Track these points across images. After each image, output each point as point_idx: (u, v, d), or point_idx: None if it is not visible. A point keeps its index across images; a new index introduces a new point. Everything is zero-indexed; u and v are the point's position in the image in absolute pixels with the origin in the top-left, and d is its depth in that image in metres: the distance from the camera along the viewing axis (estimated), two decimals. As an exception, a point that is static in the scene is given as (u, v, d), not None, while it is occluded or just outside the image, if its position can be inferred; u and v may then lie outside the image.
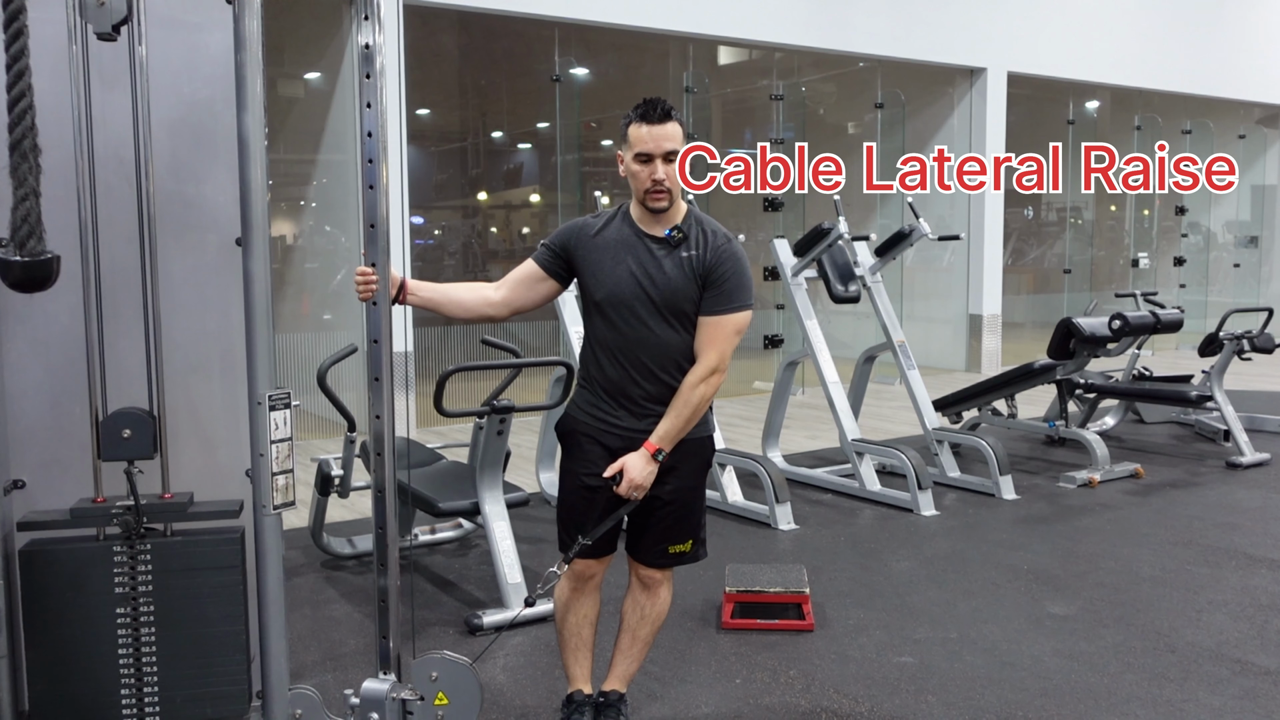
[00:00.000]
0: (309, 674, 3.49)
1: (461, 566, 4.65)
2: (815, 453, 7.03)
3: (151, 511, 2.65)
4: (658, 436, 2.66)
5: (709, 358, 2.68)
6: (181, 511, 2.69)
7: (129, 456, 2.62)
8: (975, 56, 10.75)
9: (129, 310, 2.67)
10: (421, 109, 12.15)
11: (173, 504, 2.68)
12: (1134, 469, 6.28)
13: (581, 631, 2.93)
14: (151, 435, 2.65)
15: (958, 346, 11.38)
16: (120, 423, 2.62)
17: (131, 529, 2.64)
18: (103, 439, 2.62)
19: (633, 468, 2.63)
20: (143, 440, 2.63)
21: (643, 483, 2.64)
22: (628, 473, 2.63)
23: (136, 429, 2.62)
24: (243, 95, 2.53)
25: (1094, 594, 4.22)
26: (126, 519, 2.63)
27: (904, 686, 3.36)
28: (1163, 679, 3.40)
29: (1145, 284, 13.02)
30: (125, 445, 2.62)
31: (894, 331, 6.21)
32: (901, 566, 4.60)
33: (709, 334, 2.70)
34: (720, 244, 2.72)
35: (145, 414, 2.65)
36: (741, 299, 2.72)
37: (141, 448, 2.63)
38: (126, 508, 2.63)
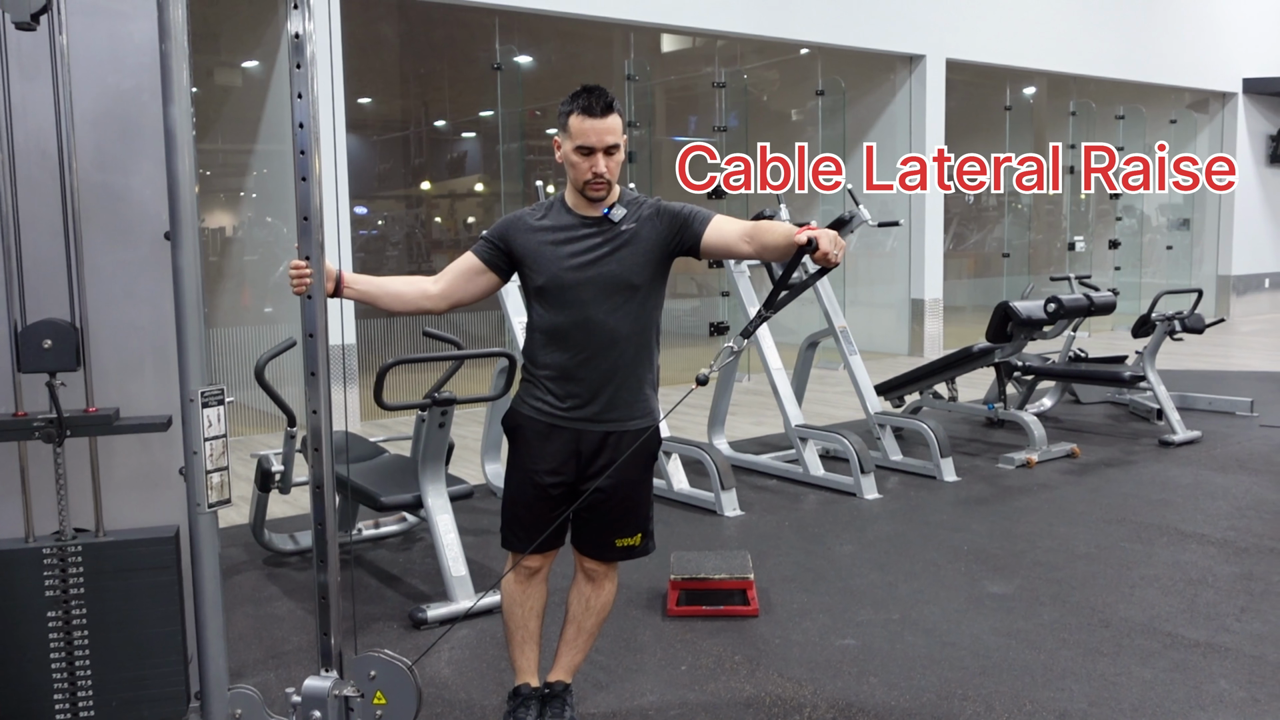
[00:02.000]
0: (250, 673, 3.45)
1: (406, 560, 4.62)
2: (761, 439, 7.08)
3: (74, 424, 2.58)
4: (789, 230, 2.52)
5: (748, 224, 2.67)
6: (107, 424, 2.61)
7: (51, 368, 2.52)
8: (915, 44, 10.86)
9: (56, 306, 2.60)
10: (362, 98, 12.00)
11: (97, 417, 2.60)
12: (1070, 449, 6.41)
13: (528, 624, 2.93)
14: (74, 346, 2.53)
15: (900, 331, 11.52)
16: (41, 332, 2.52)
17: (54, 440, 2.55)
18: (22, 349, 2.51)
19: (823, 232, 2.44)
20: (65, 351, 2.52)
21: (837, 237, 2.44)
22: (821, 238, 2.41)
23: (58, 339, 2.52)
24: (168, 86, 2.48)
25: (1031, 572, 4.30)
26: (49, 430, 2.55)
27: (846, 669, 3.40)
28: (1097, 654, 3.48)
29: (1081, 267, 13.28)
30: (46, 356, 2.52)
31: (836, 318, 6.27)
32: (845, 550, 4.65)
33: (727, 224, 2.68)
34: (652, 202, 2.77)
35: (68, 325, 2.54)
36: (708, 211, 2.74)
37: (64, 358, 2.52)
38: (49, 420, 2.55)
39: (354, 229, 11.45)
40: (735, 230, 2.67)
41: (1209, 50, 14.03)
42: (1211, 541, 4.67)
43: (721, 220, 2.71)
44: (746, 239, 2.64)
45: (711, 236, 2.69)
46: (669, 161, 13.11)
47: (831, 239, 2.41)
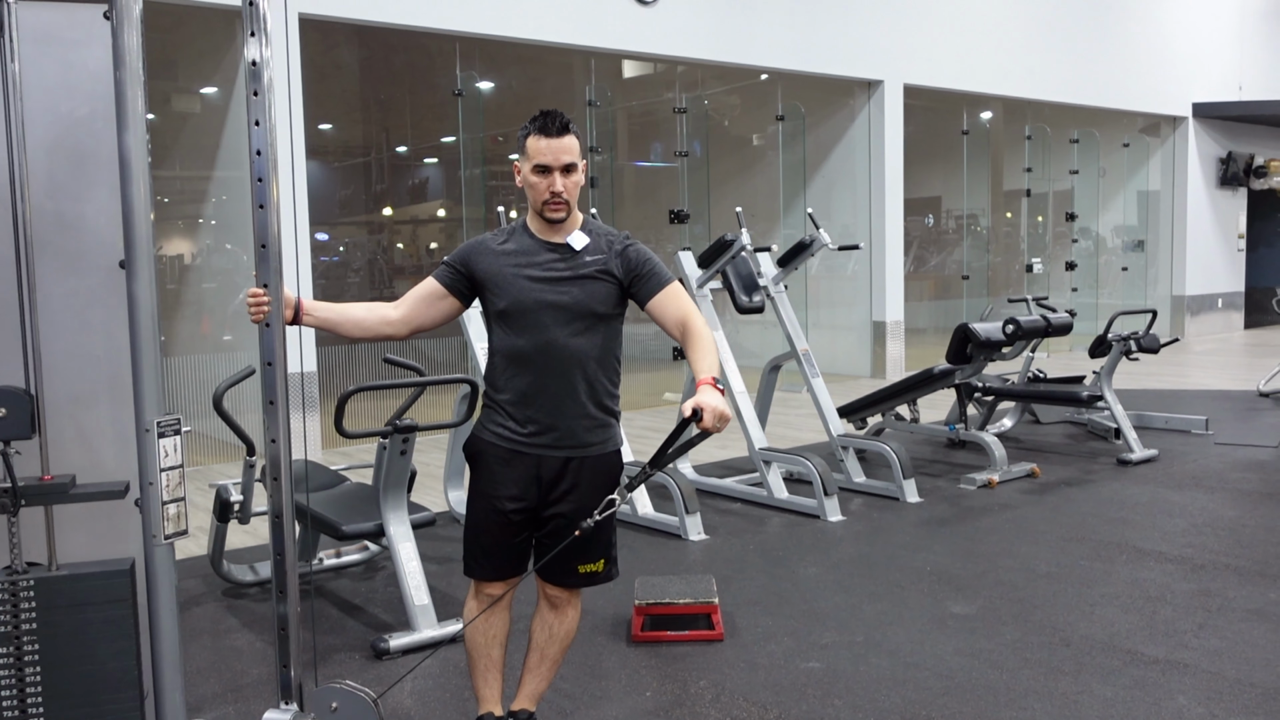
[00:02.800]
0: (209, 707, 3.40)
1: (368, 590, 4.57)
2: (725, 462, 7.09)
3: (29, 493, 2.53)
4: (705, 371, 2.56)
5: (690, 309, 2.71)
6: (63, 492, 2.57)
7: (4, 437, 2.48)
8: (873, 69, 11.00)
9: (7, 336, 2.56)
10: (323, 124, 11.96)
11: (52, 485, 2.56)
12: (1031, 468, 6.47)
13: (491, 652, 2.90)
14: (29, 414, 2.50)
15: (862, 353, 11.61)
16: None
17: (8, 510, 2.51)
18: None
19: (712, 400, 2.47)
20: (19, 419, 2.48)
21: (726, 412, 2.49)
22: (707, 406, 2.46)
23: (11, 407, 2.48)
24: (123, 113, 2.46)
25: (993, 592, 4.33)
26: (3, 500, 2.50)
27: (811, 692, 3.40)
28: (1058, 672, 3.51)
29: (1039, 288, 13.48)
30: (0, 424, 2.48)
31: (798, 340, 6.30)
32: (809, 573, 4.66)
33: (673, 300, 2.72)
34: (623, 240, 2.78)
35: (22, 391, 2.51)
36: (669, 272, 2.77)
37: (18, 427, 2.48)
38: (3, 489, 2.50)
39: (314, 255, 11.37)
40: (674, 316, 2.70)
41: (1160, 76, 14.34)
42: (1169, 559, 4.72)
43: (668, 296, 2.71)
44: (678, 329, 2.69)
45: (654, 307, 2.72)
46: (631, 186, 13.20)
47: (715, 415, 2.46)
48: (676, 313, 2.71)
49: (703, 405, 2.47)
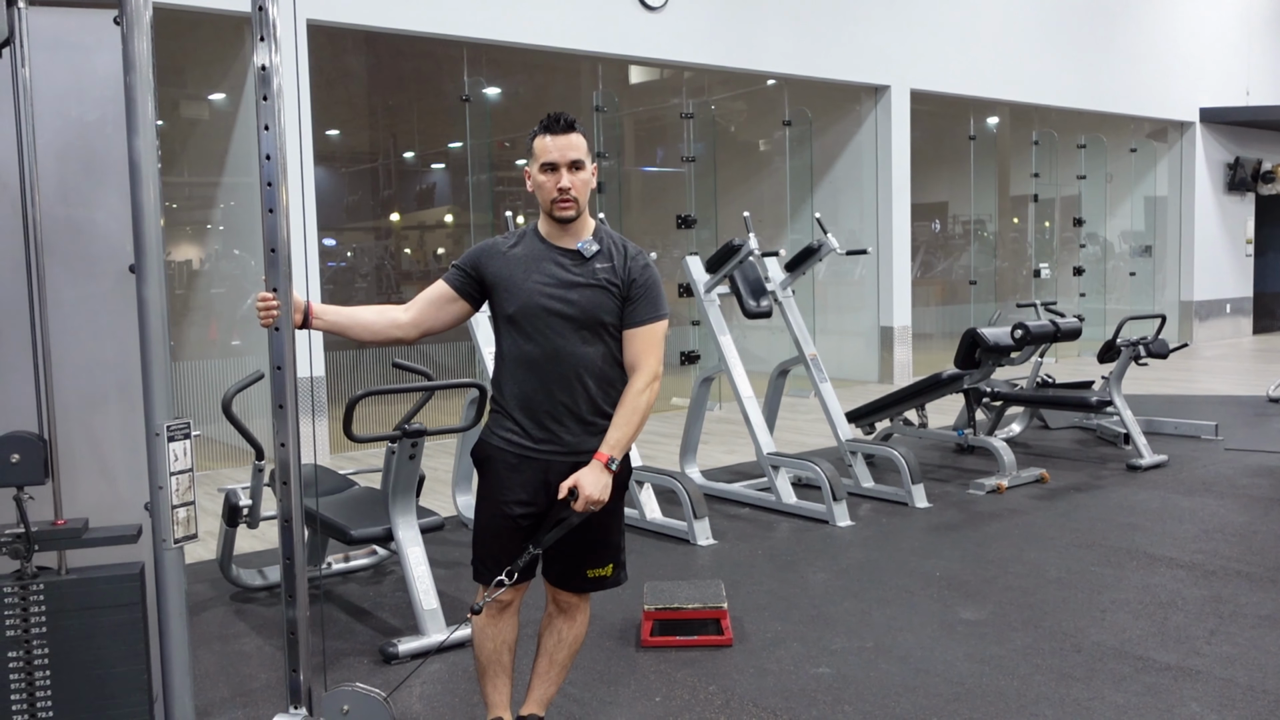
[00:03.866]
0: (218, 711, 3.39)
1: (376, 594, 4.56)
2: (733, 467, 7.08)
3: (43, 539, 2.55)
4: (608, 446, 2.63)
5: (648, 365, 2.70)
6: (76, 537, 2.59)
7: (18, 482, 2.51)
8: (879, 75, 11.00)
9: (18, 340, 2.57)
10: (331, 130, 11.99)
11: (65, 530, 2.58)
12: (1040, 474, 6.45)
13: (500, 658, 2.89)
14: (42, 460, 2.54)
15: (870, 358, 11.59)
16: (8, 447, 2.51)
17: (22, 556, 2.53)
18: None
19: (587, 483, 2.57)
20: (32, 465, 2.51)
21: (600, 497, 2.59)
22: (582, 489, 2.57)
23: (25, 453, 2.51)
24: (133, 118, 2.47)
25: (1003, 598, 4.31)
26: (16, 546, 2.52)
27: (821, 698, 3.39)
28: (1070, 679, 3.49)
29: (1047, 294, 13.43)
30: (14, 470, 2.51)
31: (806, 345, 6.29)
32: (818, 578, 4.65)
33: (643, 343, 2.71)
34: (635, 256, 2.76)
35: (35, 437, 2.55)
36: (663, 307, 2.76)
37: (31, 472, 2.51)
38: (16, 535, 2.52)
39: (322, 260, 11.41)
40: (635, 354, 2.70)
41: (1167, 81, 14.32)
42: (1180, 564, 4.70)
43: (645, 334, 2.70)
44: (629, 369, 2.71)
45: (627, 335, 2.71)
46: (638, 192, 13.21)
47: (586, 500, 2.57)
48: (638, 354, 2.70)
49: (579, 485, 2.58)
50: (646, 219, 12.88)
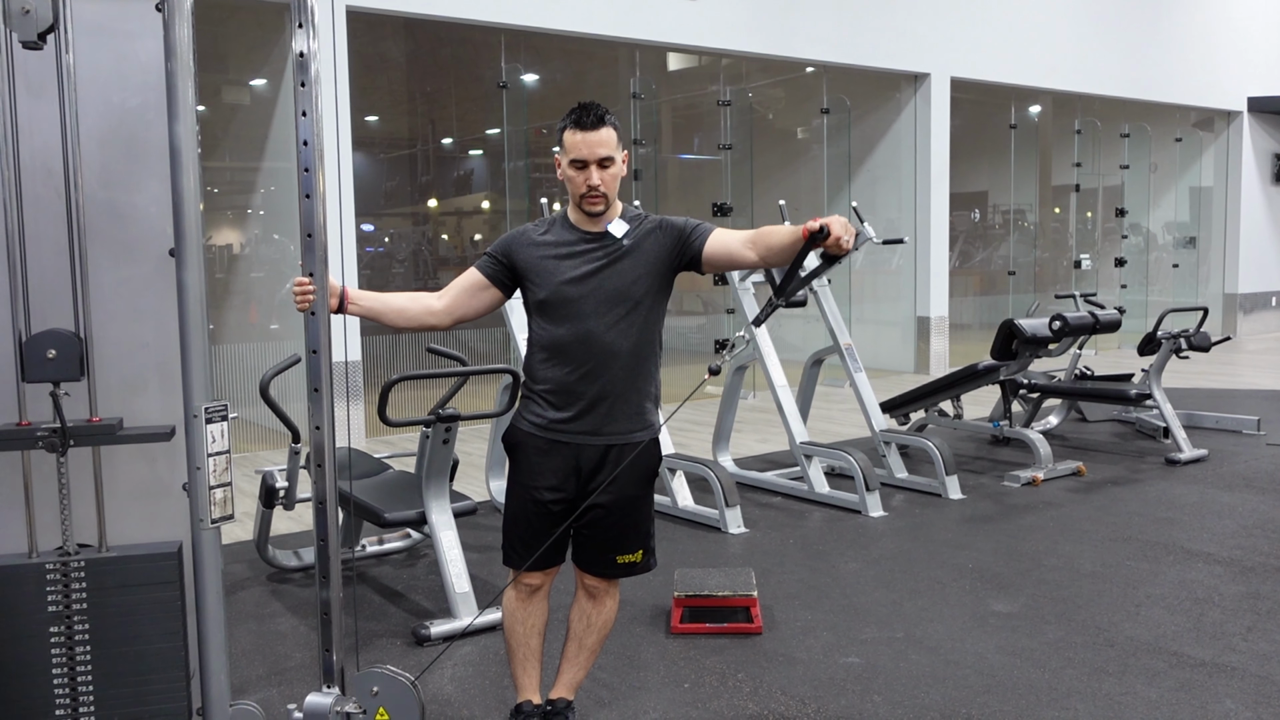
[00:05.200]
0: (253, 689, 3.45)
1: (410, 577, 4.61)
2: (765, 456, 7.07)
3: (78, 433, 2.58)
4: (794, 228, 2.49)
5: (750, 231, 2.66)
6: (110, 433, 2.62)
7: (55, 378, 2.54)
8: (919, 62, 10.90)
9: (60, 319, 2.61)
10: (369, 116, 12.07)
11: (101, 426, 2.61)
12: (1076, 467, 6.39)
13: (529, 641, 2.92)
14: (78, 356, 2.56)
15: (906, 348, 11.52)
16: (45, 342, 2.54)
17: (57, 450, 2.56)
18: (26, 359, 2.53)
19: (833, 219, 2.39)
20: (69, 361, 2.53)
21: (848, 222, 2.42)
22: (832, 226, 2.37)
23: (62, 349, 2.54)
24: (174, 104, 2.49)
25: (1036, 591, 4.28)
26: (52, 440, 2.56)
27: (850, 687, 3.39)
28: (1102, 673, 3.46)
29: (1087, 285, 13.28)
30: (50, 365, 2.53)
31: (840, 335, 6.27)
32: (849, 568, 4.64)
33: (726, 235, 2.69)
34: (655, 218, 2.79)
35: (71, 334, 2.57)
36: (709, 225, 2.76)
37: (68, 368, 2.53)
38: (52, 429, 2.56)
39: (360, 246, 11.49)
40: (738, 238, 2.68)
41: (1214, 69, 14.07)
42: (1218, 560, 4.64)
43: (723, 231, 2.72)
44: (750, 245, 2.64)
45: (713, 247, 2.70)
46: (674, 179, 13.18)
47: (843, 225, 2.39)
48: (738, 235, 2.67)
49: (827, 221, 2.39)
50: (683, 206, 12.86)
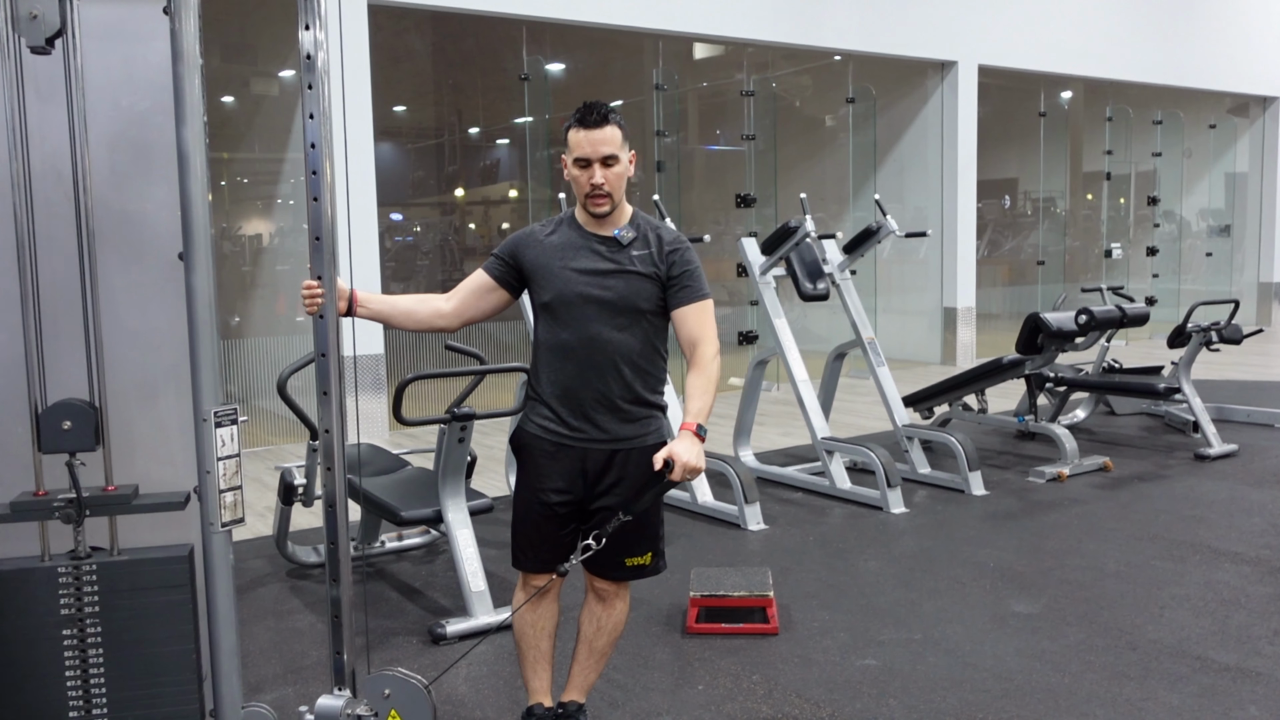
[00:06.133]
0: (269, 687, 3.47)
1: (428, 574, 4.62)
2: (788, 450, 7.03)
3: (93, 504, 2.60)
4: (692, 415, 2.59)
5: (709, 336, 2.69)
6: (126, 503, 2.64)
7: (70, 449, 2.56)
8: (946, 50, 10.76)
9: (70, 328, 2.62)
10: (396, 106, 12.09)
11: (116, 495, 2.63)
12: (1103, 462, 6.30)
13: (539, 644, 2.91)
14: (93, 426, 2.59)
15: (933, 339, 11.42)
16: (60, 414, 2.57)
17: (73, 521, 2.59)
18: (42, 430, 2.56)
19: (682, 451, 2.52)
20: (84, 431, 2.56)
21: (697, 463, 2.54)
22: (678, 457, 2.51)
23: (77, 420, 2.56)
24: (181, 107, 2.49)
25: (1058, 591, 4.23)
26: (68, 511, 2.58)
27: (866, 690, 3.36)
28: (1123, 677, 3.41)
29: (1119, 274, 13.11)
30: (66, 436, 2.56)
31: (863, 328, 6.21)
32: (869, 566, 4.60)
33: (698, 318, 2.70)
34: (672, 241, 2.74)
35: (86, 404, 2.60)
36: (707, 288, 2.75)
37: (83, 439, 2.56)
38: (68, 500, 2.58)
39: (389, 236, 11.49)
40: (691, 332, 2.69)
41: (1249, 54, 13.80)
42: (1246, 560, 4.56)
43: (696, 311, 2.69)
44: (689, 348, 2.69)
45: (678, 316, 2.71)
46: (697, 170, 13.11)
47: (684, 468, 2.52)
48: (694, 331, 2.69)
49: (674, 455, 2.53)
50: (707, 197, 12.79)
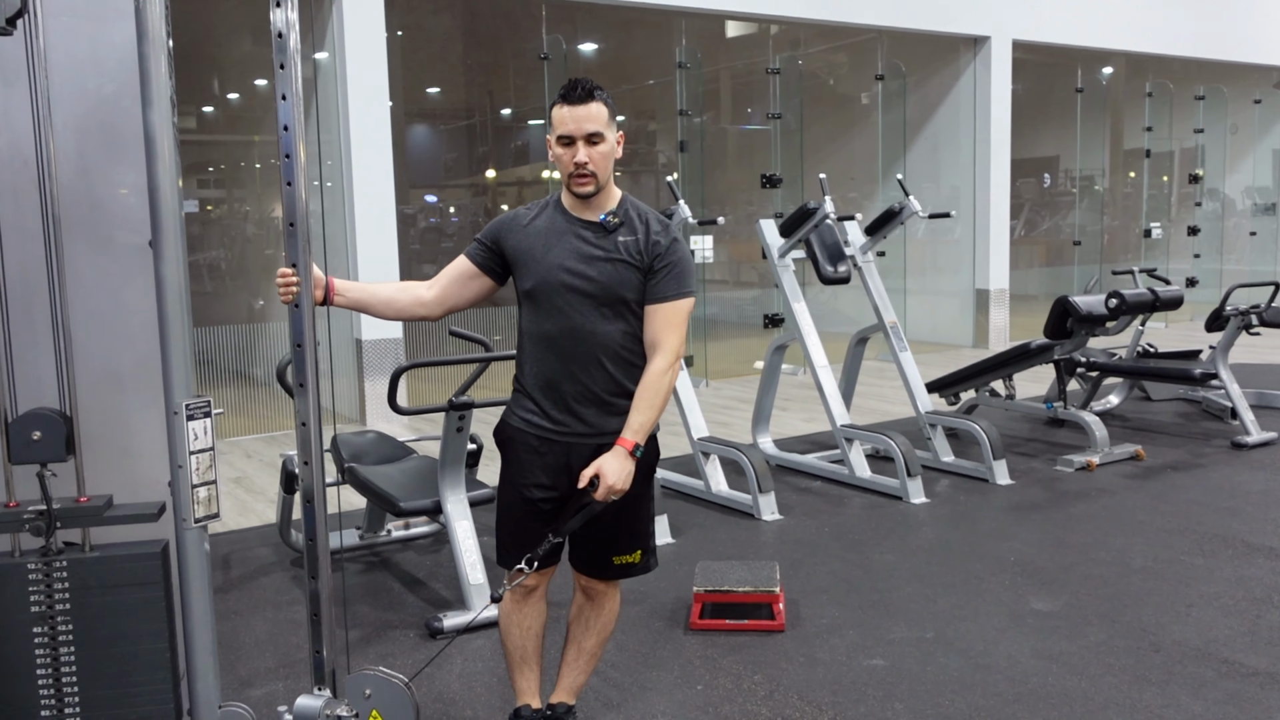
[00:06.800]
0: (260, 681, 3.40)
1: (433, 564, 4.54)
2: (808, 437, 6.88)
3: (65, 515, 2.54)
4: (632, 431, 2.51)
5: (670, 343, 2.55)
6: (97, 515, 2.57)
7: (40, 459, 2.51)
8: (978, 24, 10.48)
9: (39, 321, 2.55)
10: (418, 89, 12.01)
11: (88, 508, 2.57)
12: (1135, 450, 6.10)
13: (526, 645, 2.81)
14: (64, 436, 2.53)
15: (964, 322, 11.17)
16: (30, 424, 2.51)
17: (44, 534, 2.53)
18: (12, 441, 2.50)
19: (609, 470, 2.45)
20: (55, 442, 2.51)
21: (622, 485, 2.47)
22: (604, 476, 2.44)
23: (48, 430, 2.51)
24: (148, 90, 2.39)
25: (1081, 587, 4.07)
26: (39, 524, 2.52)
27: (871, 692, 3.23)
28: (1144, 682, 3.26)
29: (1158, 254, 12.78)
30: (36, 447, 2.50)
31: (886, 313, 6.04)
32: (884, 559, 4.46)
33: (664, 320, 2.56)
34: (659, 229, 2.60)
35: (57, 414, 2.54)
36: (689, 284, 2.60)
37: (53, 450, 2.51)
38: (39, 512, 2.52)
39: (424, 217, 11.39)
40: (655, 332, 2.56)
41: (1298, 26, 13.36)
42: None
43: (667, 310, 2.55)
44: (649, 348, 2.57)
45: (648, 311, 2.57)
46: (721, 150, 12.92)
47: (607, 489, 2.45)
48: (659, 331, 2.55)
49: (601, 473, 2.45)
50: (731, 178, 12.60)
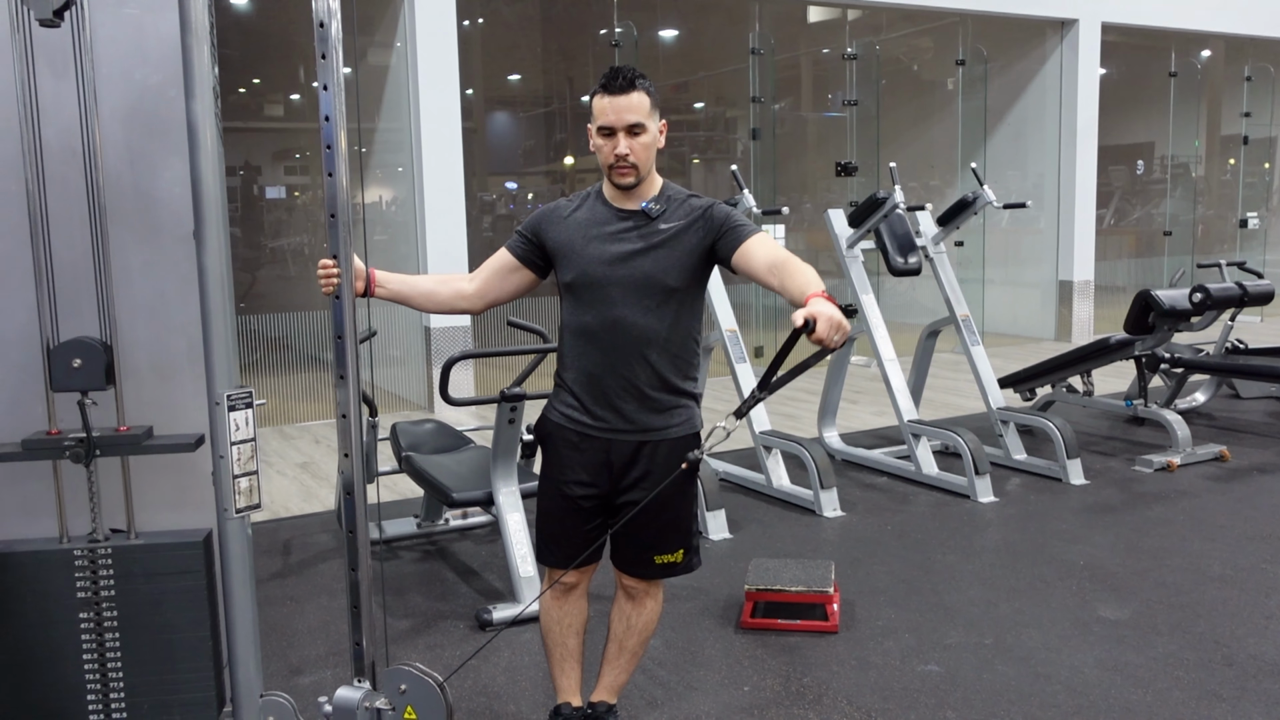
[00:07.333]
0: (310, 668, 3.43)
1: (489, 554, 4.54)
2: (877, 431, 6.74)
3: (104, 443, 2.57)
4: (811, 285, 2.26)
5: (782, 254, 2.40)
6: (136, 444, 2.60)
7: (81, 387, 2.53)
8: (1066, 7, 10.13)
9: (86, 305, 2.58)
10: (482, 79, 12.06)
11: (128, 436, 2.60)
12: (1219, 451, 5.83)
13: (567, 642, 2.78)
14: (105, 365, 2.54)
15: (1046, 314, 10.84)
16: (71, 352, 2.54)
17: (83, 460, 2.56)
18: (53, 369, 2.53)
19: (822, 309, 2.15)
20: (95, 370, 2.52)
21: (841, 320, 2.17)
22: (820, 315, 2.14)
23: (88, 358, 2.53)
24: (190, 81, 2.40)
25: (1152, 595, 3.89)
26: (78, 450, 2.55)
27: (923, 700, 3.12)
28: (1214, 697, 3.10)
29: (1254, 246, 12.25)
30: (76, 375, 2.53)
31: (957, 306, 5.87)
32: (946, 560, 4.33)
33: (760, 248, 2.43)
34: (697, 201, 2.55)
35: (97, 342, 2.55)
36: (756, 228, 2.50)
37: (94, 378, 2.52)
38: (79, 439, 2.56)
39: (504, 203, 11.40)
40: (763, 260, 2.41)
41: None
42: (1372, 566, 4.14)
43: (755, 243, 2.44)
44: (772, 272, 2.38)
45: (740, 258, 2.46)
46: (796, 138, 12.71)
47: (831, 324, 2.12)
48: (766, 256, 2.40)
49: (816, 314, 2.13)
50: (807, 165, 12.40)
